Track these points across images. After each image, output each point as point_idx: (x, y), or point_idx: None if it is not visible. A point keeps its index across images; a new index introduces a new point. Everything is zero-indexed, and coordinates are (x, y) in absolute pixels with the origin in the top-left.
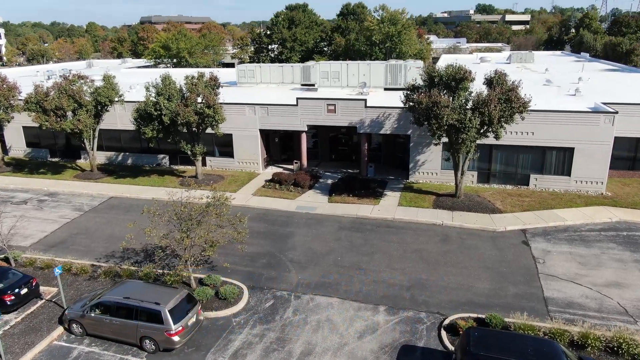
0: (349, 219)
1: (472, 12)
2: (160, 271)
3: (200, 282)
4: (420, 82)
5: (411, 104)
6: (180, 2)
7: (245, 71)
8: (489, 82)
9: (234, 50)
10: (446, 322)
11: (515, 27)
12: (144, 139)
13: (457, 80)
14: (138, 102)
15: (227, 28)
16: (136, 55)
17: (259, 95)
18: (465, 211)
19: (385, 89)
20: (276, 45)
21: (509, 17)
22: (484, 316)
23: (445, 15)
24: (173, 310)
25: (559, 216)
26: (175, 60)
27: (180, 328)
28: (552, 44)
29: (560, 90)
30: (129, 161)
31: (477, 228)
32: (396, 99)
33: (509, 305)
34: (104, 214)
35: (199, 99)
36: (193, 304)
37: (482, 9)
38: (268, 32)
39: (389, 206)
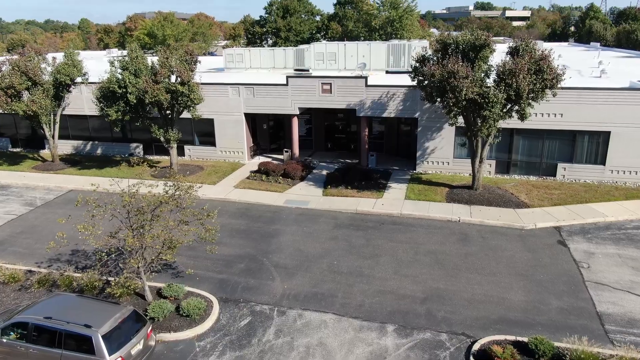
0: (347, 215)
1: (471, 8)
2: (113, 279)
3: (159, 293)
4: (430, 52)
5: (420, 78)
6: (177, 2)
7: (233, 55)
8: (514, 51)
9: (226, 42)
10: (476, 347)
11: (515, 23)
12: (116, 127)
13: (476, 48)
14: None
15: (224, 26)
16: (123, 46)
17: (247, 79)
18: (485, 205)
19: (387, 72)
20: (270, 36)
21: (508, 14)
22: (525, 339)
23: (444, 11)
24: (110, 334)
25: (598, 211)
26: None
27: (119, 359)
28: (555, 38)
29: (582, 73)
30: (99, 151)
31: (501, 225)
32: (400, 81)
33: (554, 323)
34: (57, 210)
35: (173, 78)
36: (141, 324)
37: (481, 7)
38: (261, 22)
39: (395, 200)
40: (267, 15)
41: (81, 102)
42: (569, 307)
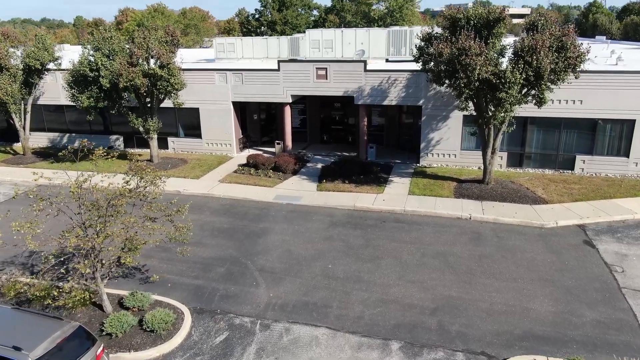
0: (344, 212)
1: (470, 5)
2: (65, 286)
3: (121, 303)
4: (437, 29)
5: (426, 57)
6: (175, 1)
7: (224, 45)
8: (532, 27)
9: (220, 35)
10: None
11: (515, 21)
12: (96, 118)
13: (490, 23)
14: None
15: (220, 24)
16: None
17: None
18: (498, 201)
19: (387, 61)
20: (265, 30)
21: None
22: None
23: (443, 9)
24: (45, 358)
25: (624, 208)
26: None
27: None
28: None
29: (595, 61)
30: (76, 144)
31: (518, 223)
32: (402, 67)
33: (591, 339)
34: (20, 206)
35: (152, 61)
36: (89, 344)
37: (480, 4)
38: (256, 16)
39: (397, 195)
40: (262, 8)
41: (57, 91)
42: (606, 319)
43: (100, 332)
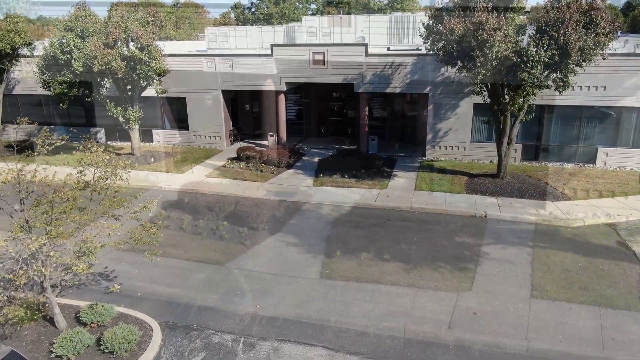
0: (344, 209)
1: None
2: (26, 296)
3: (78, 317)
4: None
5: (436, 36)
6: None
7: (216, 35)
8: (555, 2)
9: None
10: None
11: None
12: (77, 110)
13: None
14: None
15: (216, 21)
16: None
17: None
18: (515, 197)
19: (389, 50)
20: (262, 23)
21: None
22: None
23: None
24: None
25: None
26: None
27: None
28: None
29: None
30: (55, 137)
31: (540, 222)
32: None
33: None
34: None
35: (132, 45)
36: None
37: None
38: (252, 9)
39: (403, 190)
40: (258, 1)
41: (34, 80)
42: None
43: (49, 353)
